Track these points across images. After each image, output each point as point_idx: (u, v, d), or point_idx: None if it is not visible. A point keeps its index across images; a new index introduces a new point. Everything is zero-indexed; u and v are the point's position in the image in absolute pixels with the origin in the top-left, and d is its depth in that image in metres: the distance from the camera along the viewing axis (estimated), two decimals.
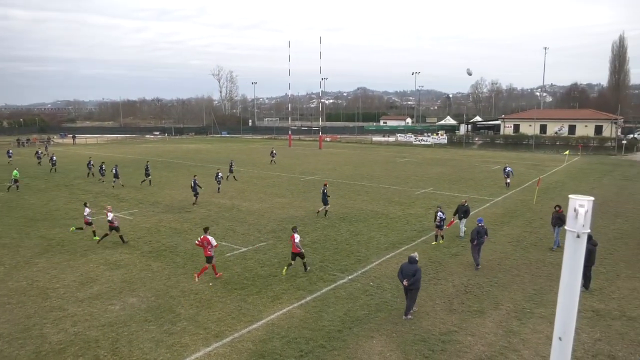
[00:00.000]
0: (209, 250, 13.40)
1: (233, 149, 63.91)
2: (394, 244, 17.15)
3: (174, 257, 15.69)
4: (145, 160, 34.97)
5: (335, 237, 18.18)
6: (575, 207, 3.54)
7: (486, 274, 14.13)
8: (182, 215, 22.04)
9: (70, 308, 11.71)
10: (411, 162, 46.03)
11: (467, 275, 13.83)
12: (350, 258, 15.52)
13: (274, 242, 17.35)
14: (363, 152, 58.44)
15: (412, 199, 26.14)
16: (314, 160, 47.77)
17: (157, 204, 24.65)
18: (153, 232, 18.92)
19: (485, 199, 26.00)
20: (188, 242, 17.32)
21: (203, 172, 37.83)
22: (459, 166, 42.31)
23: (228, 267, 14.55)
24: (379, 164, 44.29)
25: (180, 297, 12.31)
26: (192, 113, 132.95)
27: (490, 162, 45.79)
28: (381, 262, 15.18)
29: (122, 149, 63.27)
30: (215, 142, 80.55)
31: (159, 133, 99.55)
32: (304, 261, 14.06)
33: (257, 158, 48.91)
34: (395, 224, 20.30)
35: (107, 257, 15.76)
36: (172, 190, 29.08)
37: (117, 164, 35.62)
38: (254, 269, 14.46)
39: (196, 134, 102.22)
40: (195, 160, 47.23)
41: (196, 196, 24.55)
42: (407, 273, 10.91)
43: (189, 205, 24.17)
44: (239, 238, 17.96)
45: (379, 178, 34.43)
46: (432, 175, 36.00)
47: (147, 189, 29.18)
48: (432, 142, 70.12)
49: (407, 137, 75.79)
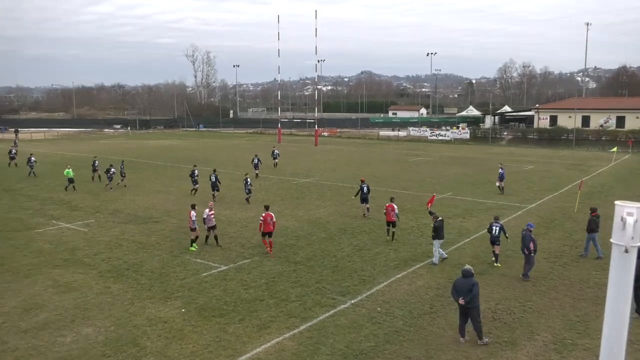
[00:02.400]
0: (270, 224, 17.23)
1: (211, 145, 63.90)
2: (405, 261, 17.13)
3: (138, 277, 15.62)
4: (114, 160, 34.89)
5: (334, 252, 18.15)
6: (622, 216, 3.49)
7: (518, 296, 14.13)
8: (148, 226, 21.97)
9: (11, 341, 11.60)
10: (426, 162, 46.12)
11: (494, 298, 13.83)
12: (353, 278, 15.50)
13: (260, 259, 17.30)
14: (368, 150, 58.50)
15: (426, 206, 26.21)
16: (308, 160, 47.76)
17: (118, 213, 24.56)
18: (113, 247, 18.85)
19: (516, 206, 26.04)
20: (155, 259, 17.25)
21: (174, 174, 37.73)
22: (484, 166, 42.41)
23: (204, 290, 14.49)
24: (387, 164, 44.36)
25: (145, 327, 12.24)
26: (161, 102, 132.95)
27: (522, 162, 45.94)
28: (390, 282, 15.15)
29: (76, 145, 63.09)
30: (189, 137, 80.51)
31: (121, 126, 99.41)
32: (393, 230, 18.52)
33: (239, 157, 48.90)
34: (407, 236, 20.29)
35: (56, 277, 15.67)
36: (137, 196, 28.99)
37: (123, 160, 36.43)
38: (236, 291, 14.41)
39: (166, 128, 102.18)
40: (165, 160, 47.16)
41: (216, 191, 26.88)
42: (462, 289, 10.99)
43: (157, 214, 24.10)
44: (217, 254, 17.90)
45: (387, 181, 34.46)
46: (452, 178, 36.04)
47: (106, 195, 29.10)
48: (452, 137, 70.36)
49: (422, 132, 76.01)
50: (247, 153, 50.99)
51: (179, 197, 28.55)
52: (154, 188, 31.58)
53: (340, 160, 46.84)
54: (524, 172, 39.24)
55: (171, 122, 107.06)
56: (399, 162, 46.04)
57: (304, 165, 42.92)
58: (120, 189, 30.71)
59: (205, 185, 28.86)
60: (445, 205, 26.25)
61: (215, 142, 69.24)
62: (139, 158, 48.46)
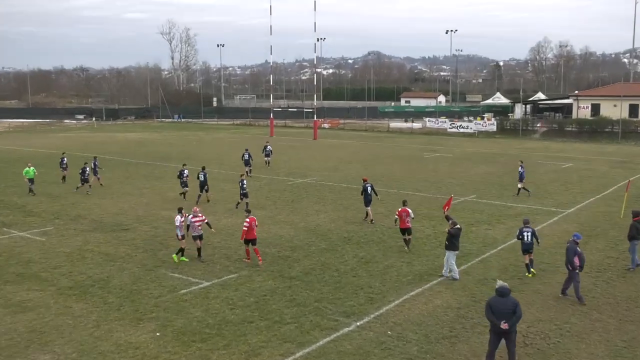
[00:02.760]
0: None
1: (191, 139, 63.87)
2: (421, 276, 17.13)
3: (105, 295, 15.61)
4: (82, 158, 34.84)
5: (337, 265, 18.14)
6: None
7: (554, 317, 14.13)
8: (117, 235, 21.97)
9: None
10: (445, 159, 46.13)
11: (526, 320, 13.82)
12: (359, 296, 15.50)
13: (248, 273, 17.30)
14: (376, 144, 58.51)
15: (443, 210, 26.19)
16: (306, 156, 47.75)
17: (81, 219, 24.55)
18: (75, 259, 18.83)
19: (552, 211, 26.03)
20: (125, 274, 17.25)
21: (148, 174, 37.75)
22: (514, 164, 42.32)
23: (183, 310, 14.49)
24: (399, 161, 44.36)
25: (113, 354, 12.23)
26: (131, 88, 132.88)
27: (559, 158, 45.95)
28: (403, 301, 15.15)
29: (32, 139, 63.11)
30: (165, 129, 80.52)
31: (85, 117, 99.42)
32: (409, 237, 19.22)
33: (224, 153, 48.91)
34: (422, 246, 20.30)
35: (7, 295, 15.65)
36: (103, 199, 29.00)
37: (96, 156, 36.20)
38: (221, 312, 14.40)
39: (138, 119, 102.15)
40: (137, 157, 47.18)
41: (205, 192, 27.68)
42: (502, 311, 10.93)
43: (127, 221, 24.10)
44: (198, 267, 17.89)
45: (400, 181, 34.48)
46: (475, 177, 36.04)
47: (67, 199, 29.10)
48: (476, 129, 70.37)
49: (440, 123, 76.01)
50: (233, 148, 50.98)
51: (153, 200, 28.53)
52: (123, 190, 31.55)
53: (344, 157, 46.82)
54: (561, 170, 39.24)
55: (144, 111, 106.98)
56: (413, 159, 46.03)
57: (300, 163, 42.90)
58: (79, 192, 30.60)
59: (193, 185, 28.87)
60: (467, 210, 26.24)
61: (196, 136, 69.23)
62: (105, 154, 48.37)
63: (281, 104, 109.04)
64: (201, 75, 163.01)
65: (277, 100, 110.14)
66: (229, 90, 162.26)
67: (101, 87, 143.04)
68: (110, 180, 34.88)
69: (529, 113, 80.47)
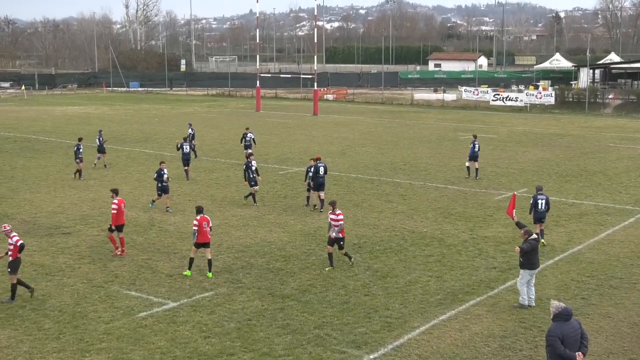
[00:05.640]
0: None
1: (150, 114, 63.73)
2: (454, 294, 17.16)
3: (39, 319, 15.64)
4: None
5: (344, 281, 18.17)
6: None
7: (629, 349, 14.13)
8: (55, 240, 22.01)
9: None
10: (487, 141, 46.03)
11: (592, 352, 13.84)
12: (373, 321, 15.53)
13: (227, 291, 17.34)
14: (396, 122, 58.40)
15: (488, 210, 26.17)
16: (303, 137, 47.69)
17: (7, 220, 24.27)
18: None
19: (628, 210, 26.05)
20: (67, 292, 17.27)
21: (95, 159, 37.79)
22: (578, 148, 42.43)
23: (142, 339, 14.52)
24: (426, 145, 44.32)
25: None
26: (72, 47, 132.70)
27: (637, 141, 45.85)
28: (430, 328, 15.17)
29: None
30: (117, 101, 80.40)
31: (11, 84, 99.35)
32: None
33: (196, 134, 48.74)
34: (456, 256, 20.34)
35: None
36: (36, 193, 29.02)
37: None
38: (192, 341, 14.45)
39: (81, 87, 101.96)
40: (77, 137, 47.00)
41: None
42: (572, 339, 10.88)
43: (68, 222, 24.14)
44: (162, 283, 17.93)
45: (427, 170, 34.55)
46: (527, 166, 36.03)
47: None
48: (528, 102, 70.22)
49: (480, 94, 75.87)
50: (209, 127, 50.89)
51: (102, 195, 28.49)
52: (63, 181, 31.56)
53: (353, 139, 46.78)
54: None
55: (89, 78, 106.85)
56: (445, 141, 45.97)
57: (295, 146, 42.87)
58: (3, 183, 30.63)
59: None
60: (517, 207, 26.14)
61: (158, 109, 69.15)
62: (39, 134, 48.39)
63: (271, 69, 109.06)
64: (165, 29, 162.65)
65: (265, 63, 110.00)
66: (201, 50, 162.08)
67: (32, 46, 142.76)
68: (45, 167, 34.91)
69: (598, 80, 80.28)
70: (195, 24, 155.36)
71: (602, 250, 20.72)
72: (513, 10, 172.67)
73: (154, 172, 27.14)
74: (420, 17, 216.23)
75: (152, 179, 26.33)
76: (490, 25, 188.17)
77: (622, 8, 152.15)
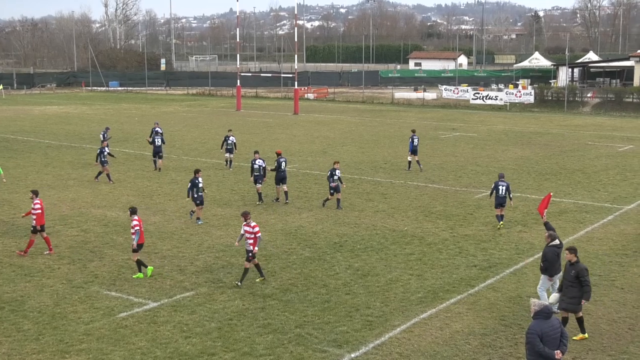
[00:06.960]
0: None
1: (130, 114, 63.40)
2: (434, 293, 17.23)
3: (18, 320, 15.53)
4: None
5: (325, 279, 18.19)
6: None
7: (607, 346, 14.26)
8: (34, 241, 21.82)
9: None
10: (467, 139, 46.28)
11: (571, 349, 13.95)
12: (354, 320, 15.56)
13: (208, 291, 17.32)
14: (377, 121, 58.48)
15: (468, 209, 26.29)
16: (284, 136, 47.63)
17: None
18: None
19: (606, 208, 26.24)
20: (46, 292, 17.17)
21: (74, 160, 37.50)
22: (557, 146, 42.70)
23: (122, 340, 14.45)
24: (407, 143, 44.24)
25: None
26: (51, 46, 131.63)
27: (615, 139, 46.22)
28: (411, 326, 15.22)
29: None
30: (96, 101, 79.93)
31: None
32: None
33: (176, 133, 48.64)
34: (437, 255, 20.42)
35: None
36: (14, 193, 28.82)
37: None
38: (172, 341, 14.42)
39: (60, 86, 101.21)
40: (60, 138, 46.85)
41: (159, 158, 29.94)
42: (551, 337, 10.91)
43: (47, 222, 23.86)
44: (143, 284, 17.86)
45: (407, 169, 34.58)
46: (507, 164, 36.22)
47: None
48: (507, 101, 70.57)
49: (460, 93, 76.24)
50: (189, 127, 50.68)
51: (82, 195, 28.37)
52: (42, 181, 31.33)
53: (334, 137, 46.81)
54: (618, 155, 39.52)
55: (68, 77, 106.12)
56: (425, 139, 46.01)
57: (276, 145, 42.69)
58: (7, 180, 30.39)
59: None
60: (495, 204, 26.33)
61: (138, 108, 68.78)
62: (17, 134, 48.01)
63: (251, 68, 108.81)
64: (145, 29, 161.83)
65: (245, 62, 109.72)
66: (181, 49, 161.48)
67: (11, 45, 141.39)
68: (23, 167, 34.64)
69: (576, 79, 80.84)
70: (175, 23, 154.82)
71: (581, 247, 20.76)
72: (493, 9, 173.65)
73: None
74: (401, 16, 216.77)
75: (186, 188, 24.62)
76: (470, 24, 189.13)
77: (600, 7, 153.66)
